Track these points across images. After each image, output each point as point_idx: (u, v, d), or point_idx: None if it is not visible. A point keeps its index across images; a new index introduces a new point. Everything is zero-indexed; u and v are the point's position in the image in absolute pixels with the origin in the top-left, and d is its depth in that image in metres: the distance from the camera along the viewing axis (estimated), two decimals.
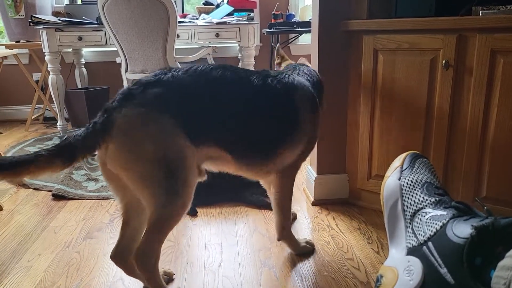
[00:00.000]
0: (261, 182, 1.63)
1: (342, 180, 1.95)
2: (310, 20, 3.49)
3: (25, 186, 2.27)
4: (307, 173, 2.07)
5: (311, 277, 1.40)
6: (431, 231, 0.94)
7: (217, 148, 1.26)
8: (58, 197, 2.10)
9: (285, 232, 1.51)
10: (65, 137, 1.14)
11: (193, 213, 1.88)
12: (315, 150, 1.94)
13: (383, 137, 1.75)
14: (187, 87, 1.20)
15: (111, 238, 1.69)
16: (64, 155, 1.10)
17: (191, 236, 1.69)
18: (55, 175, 2.26)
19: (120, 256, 1.30)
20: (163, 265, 1.48)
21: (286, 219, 1.50)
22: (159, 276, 1.26)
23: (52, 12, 3.42)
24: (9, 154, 2.82)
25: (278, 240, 1.55)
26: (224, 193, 2.00)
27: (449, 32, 1.48)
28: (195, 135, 1.19)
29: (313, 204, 1.96)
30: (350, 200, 1.96)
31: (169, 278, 1.39)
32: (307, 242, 1.57)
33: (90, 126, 1.14)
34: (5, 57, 2.02)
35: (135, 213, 1.29)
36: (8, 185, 2.29)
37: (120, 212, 1.31)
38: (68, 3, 3.65)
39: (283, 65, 1.70)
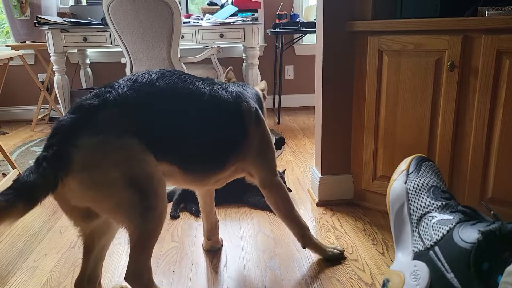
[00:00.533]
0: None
1: (347, 181, 1.95)
2: (315, 20, 3.50)
3: None
4: (311, 174, 2.07)
5: (315, 278, 1.40)
6: (438, 235, 0.93)
7: (167, 164, 1.19)
8: None
9: (306, 238, 1.47)
10: (16, 178, 0.99)
11: (196, 214, 1.88)
12: (319, 150, 1.94)
13: (388, 138, 1.75)
14: (137, 103, 1.12)
15: (116, 238, 1.69)
16: (25, 197, 0.95)
17: (196, 237, 1.69)
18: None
19: (87, 283, 1.23)
20: (168, 266, 1.49)
21: (300, 227, 1.46)
22: None
23: (58, 13, 3.44)
24: (15, 154, 2.84)
25: (304, 248, 1.50)
26: (226, 196, 1.99)
27: (455, 33, 1.47)
28: (153, 150, 1.12)
29: (318, 205, 1.96)
30: (355, 201, 1.95)
31: None
32: (334, 248, 1.52)
33: (44, 161, 0.99)
34: (11, 58, 2.04)
35: (96, 239, 1.22)
36: None
37: (81, 242, 1.22)
38: (73, 3, 3.67)
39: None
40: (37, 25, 3.05)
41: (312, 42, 4.12)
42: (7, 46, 3.50)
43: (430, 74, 1.57)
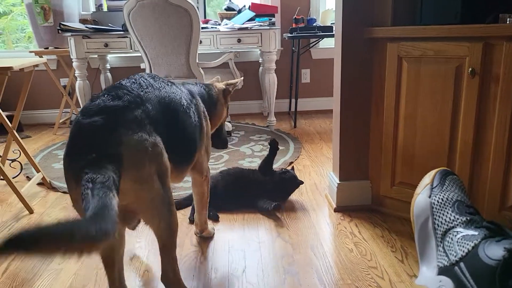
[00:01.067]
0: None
1: (365, 186, 1.95)
2: (332, 24, 3.51)
3: (54, 189, 2.34)
4: (329, 179, 2.07)
5: (334, 285, 1.40)
6: (463, 251, 0.93)
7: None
8: None
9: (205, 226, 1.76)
10: (97, 184, 0.93)
11: (215, 218, 1.91)
12: (337, 156, 1.95)
13: (407, 144, 1.74)
14: (152, 107, 1.18)
15: (137, 242, 1.73)
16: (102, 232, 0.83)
17: (215, 242, 1.72)
18: None
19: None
20: (188, 270, 1.52)
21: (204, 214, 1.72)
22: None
23: (80, 20, 3.52)
24: (38, 157, 2.91)
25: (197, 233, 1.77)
26: (240, 202, 2.03)
27: (475, 40, 1.47)
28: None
29: (336, 210, 1.96)
30: (373, 206, 1.95)
31: None
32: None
33: (102, 163, 0.97)
34: (37, 65, 2.10)
35: (115, 249, 1.25)
36: (39, 188, 2.36)
37: (102, 260, 1.24)
38: (94, 10, 3.75)
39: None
40: (60, 31, 3.13)
41: (329, 45, 4.12)
42: (30, 52, 3.59)
43: (450, 81, 1.56)
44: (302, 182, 2.11)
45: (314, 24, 3.62)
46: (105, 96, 1.12)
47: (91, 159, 0.98)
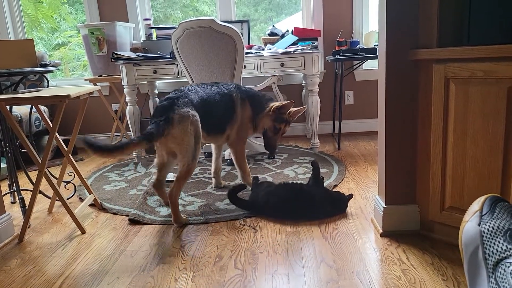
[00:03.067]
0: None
1: (413, 211, 1.89)
2: (375, 46, 3.48)
3: (104, 210, 2.44)
4: (375, 203, 2.02)
5: None
6: None
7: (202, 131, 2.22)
8: (134, 222, 2.24)
9: (246, 179, 2.55)
10: (148, 130, 2.05)
11: (254, 229, 1.97)
12: (383, 179, 1.91)
13: (456, 167, 1.68)
14: (195, 98, 2.22)
15: (182, 263, 1.76)
16: (148, 138, 2.02)
17: (258, 265, 1.72)
18: (132, 201, 2.43)
19: (158, 186, 2.36)
20: None
21: (244, 171, 2.55)
22: (178, 206, 2.17)
23: (131, 48, 3.72)
24: (91, 180, 3.06)
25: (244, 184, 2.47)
26: (294, 212, 2.17)
27: None
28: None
29: (382, 235, 1.90)
30: (422, 232, 1.88)
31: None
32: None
33: (159, 121, 2.04)
34: (92, 92, 2.23)
35: (165, 167, 2.32)
36: (90, 209, 2.48)
37: (157, 167, 2.33)
38: (144, 39, 3.95)
39: None
40: (112, 60, 3.32)
41: (372, 67, 4.08)
42: (86, 79, 3.83)
43: (502, 102, 1.50)
44: (351, 195, 2.26)
45: (357, 46, 3.61)
46: (171, 93, 2.22)
47: (156, 120, 2.07)
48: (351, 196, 2.25)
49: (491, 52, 1.49)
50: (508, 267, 0.93)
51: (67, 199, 2.39)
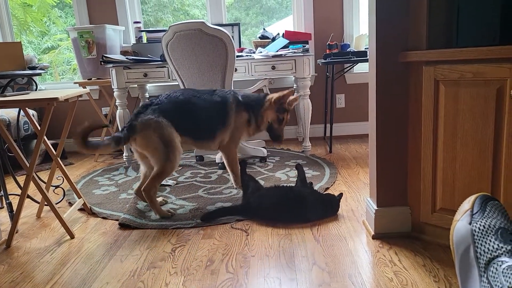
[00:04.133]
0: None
1: (404, 213, 1.89)
2: (366, 49, 3.50)
3: (94, 215, 2.41)
4: (366, 205, 2.02)
5: None
6: (509, 282, 0.88)
7: (183, 137, 2.38)
8: (124, 226, 2.21)
9: (237, 182, 2.62)
10: (116, 134, 2.25)
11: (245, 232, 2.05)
12: (374, 182, 1.91)
13: (447, 169, 1.68)
14: (168, 105, 2.36)
15: (173, 268, 1.74)
16: (115, 141, 2.21)
17: (250, 268, 1.70)
18: (123, 205, 2.41)
19: (138, 191, 2.44)
20: None
21: (236, 175, 2.62)
22: (157, 202, 2.32)
23: (121, 51, 3.69)
24: (80, 184, 3.02)
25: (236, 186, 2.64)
26: (290, 215, 2.16)
27: None
28: (176, 129, 2.32)
29: (374, 237, 1.90)
30: (413, 234, 1.88)
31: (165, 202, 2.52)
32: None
33: (124, 128, 2.26)
34: (80, 95, 2.21)
35: (147, 168, 2.40)
36: (80, 214, 2.44)
37: (142, 176, 2.47)
38: (134, 42, 3.92)
39: None
40: (102, 63, 3.29)
41: (363, 70, 4.10)
42: (75, 83, 3.79)
43: (491, 103, 1.51)
44: (341, 194, 2.28)
45: (348, 50, 3.63)
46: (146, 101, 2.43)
47: (124, 126, 2.30)
48: (341, 195, 2.26)
49: (480, 54, 1.50)
50: (500, 265, 0.93)
51: (56, 203, 2.36)
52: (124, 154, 3.50)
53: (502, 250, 0.96)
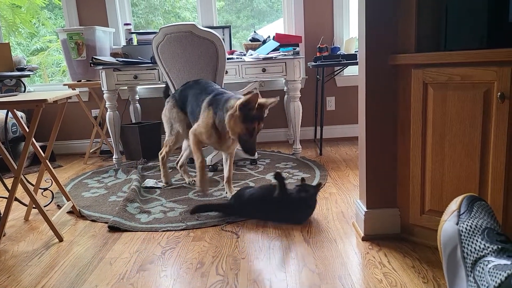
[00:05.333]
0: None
1: (393, 214, 1.90)
2: (356, 52, 3.53)
3: (83, 217, 2.39)
4: (356, 207, 2.03)
5: None
6: (496, 282, 0.89)
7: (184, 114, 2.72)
8: (114, 229, 2.19)
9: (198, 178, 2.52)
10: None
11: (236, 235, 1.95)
12: (364, 184, 1.92)
13: (435, 171, 1.70)
14: (180, 93, 2.74)
15: (162, 270, 1.73)
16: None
17: (240, 271, 1.70)
18: (112, 207, 2.39)
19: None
20: None
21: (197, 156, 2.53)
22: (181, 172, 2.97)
23: (111, 53, 3.67)
24: (69, 187, 2.99)
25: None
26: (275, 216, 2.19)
27: (503, 64, 1.44)
28: (182, 109, 2.72)
29: (363, 239, 1.91)
30: (402, 235, 1.89)
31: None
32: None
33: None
34: (70, 97, 2.19)
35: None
36: (68, 216, 2.42)
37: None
38: (125, 44, 3.91)
39: None
40: (92, 65, 3.27)
41: (353, 73, 4.13)
42: (64, 85, 3.76)
43: (479, 106, 1.53)
44: (320, 184, 2.31)
45: (338, 53, 3.66)
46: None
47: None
48: (319, 185, 2.30)
49: (468, 57, 1.52)
50: (486, 265, 0.94)
51: (44, 206, 2.34)
52: (113, 157, 3.48)
53: (489, 250, 0.97)
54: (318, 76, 3.96)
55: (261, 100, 2.23)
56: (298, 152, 3.48)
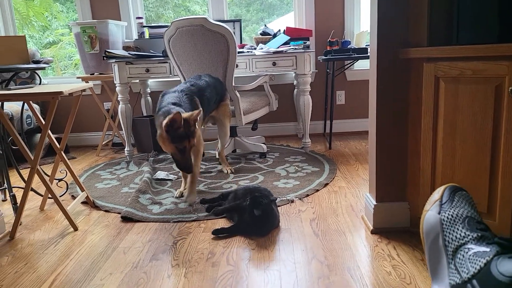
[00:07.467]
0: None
1: (403, 208, 1.92)
2: (366, 46, 3.53)
3: (97, 208, 2.44)
4: (365, 201, 2.05)
5: None
6: (475, 268, 0.92)
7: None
8: (126, 219, 2.24)
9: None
10: None
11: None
12: (374, 177, 1.93)
13: (446, 165, 1.71)
14: (197, 87, 2.59)
15: (174, 260, 1.77)
16: None
17: (250, 261, 1.73)
18: (125, 198, 2.43)
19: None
20: None
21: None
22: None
23: (123, 47, 3.71)
24: (83, 178, 3.05)
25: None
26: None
27: None
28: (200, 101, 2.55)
29: (372, 232, 1.93)
30: (412, 229, 1.91)
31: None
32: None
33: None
34: (84, 90, 2.23)
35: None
36: (83, 207, 2.47)
37: None
38: (137, 38, 3.94)
39: None
40: (105, 58, 3.31)
41: (363, 67, 4.12)
42: (78, 77, 3.81)
43: (490, 100, 1.53)
44: (273, 199, 2.07)
45: (348, 46, 3.65)
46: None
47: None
48: (273, 199, 2.09)
49: (479, 51, 1.52)
50: (467, 252, 0.97)
51: (59, 196, 2.39)
52: (125, 149, 3.53)
53: (469, 237, 1.00)
54: (328, 70, 3.96)
55: (185, 115, 2.17)
56: (308, 146, 3.50)
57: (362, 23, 4.11)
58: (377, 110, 1.86)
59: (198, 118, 2.25)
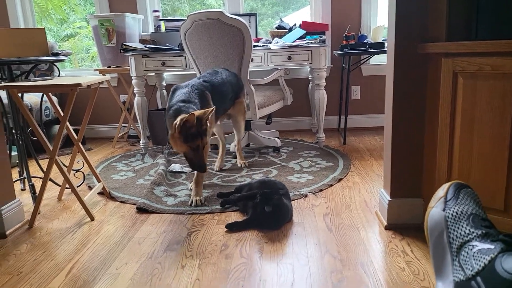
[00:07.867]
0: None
1: (418, 204, 1.90)
2: (383, 41, 3.49)
3: (113, 199, 2.48)
4: (380, 196, 2.04)
5: None
6: (479, 265, 0.91)
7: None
8: (142, 210, 2.27)
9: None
10: None
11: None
12: (388, 173, 1.92)
13: (463, 162, 1.69)
14: (210, 84, 2.55)
15: (188, 251, 1.79)
16: None
17: (263, 254, 1.74)
18: (140, 190, 2.47)
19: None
20: (237, 281, 1.55)
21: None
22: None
23: (140, 40, 3.74)
24: (99, 169, 3.10)
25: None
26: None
27: None
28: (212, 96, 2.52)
29: (386, 228, 1.92)
30: None
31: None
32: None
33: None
34: (101, 82, 2.26)
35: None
36: (99, 197, 2.52)
37: None
38: (153, 31, 3.97)
39: None
40: (122, 51, 3.35)
41: (379, 62, 4.08)
42: (95, 70, 3.86)
43: (509, 97, 1.51)
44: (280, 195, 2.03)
45: (365, 41, 3.61)
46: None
47: None
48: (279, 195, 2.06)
49: (499, 47, 1.49)
50: (471, 249, 0.96)
51: (77, 187, 2.43)
52: (141, 141, 3.57)
53: (473, 235, 0.99)
54: (343, 65, 3.94)
55: (197, 113, 2.13)
56: (322, 141, 3.49)
57: (379, 17, 4.06)
58: (394, 105, 1.84)
59: (210, 116, 2.23)
